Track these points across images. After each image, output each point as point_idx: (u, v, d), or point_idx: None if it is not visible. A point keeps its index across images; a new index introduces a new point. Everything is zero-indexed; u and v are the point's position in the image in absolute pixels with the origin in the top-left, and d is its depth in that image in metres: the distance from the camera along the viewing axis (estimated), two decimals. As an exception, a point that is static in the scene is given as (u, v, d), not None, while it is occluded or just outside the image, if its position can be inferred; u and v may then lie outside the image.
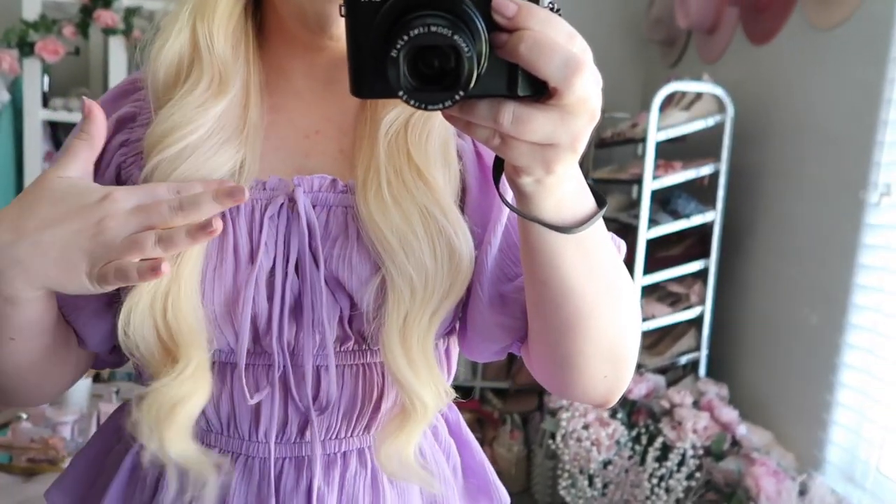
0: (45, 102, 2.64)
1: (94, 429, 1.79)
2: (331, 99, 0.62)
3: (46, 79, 2.69)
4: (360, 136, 0.59)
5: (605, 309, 0.52)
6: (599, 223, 0.49)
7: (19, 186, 2.66)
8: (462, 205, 0.59)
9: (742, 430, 1.84)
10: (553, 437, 1.87)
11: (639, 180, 2.26)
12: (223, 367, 0.58)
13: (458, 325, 0.62)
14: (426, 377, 0.55)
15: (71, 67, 2.81)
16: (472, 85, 0.37)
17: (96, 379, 2.11)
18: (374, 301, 0.56)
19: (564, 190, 0.45)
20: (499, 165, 0.47)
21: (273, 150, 0.60)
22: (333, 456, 0.60)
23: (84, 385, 1.93)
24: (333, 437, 0.59)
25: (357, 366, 0.59)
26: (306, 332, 0.56)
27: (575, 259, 0.49)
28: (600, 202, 0.49)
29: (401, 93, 0.37)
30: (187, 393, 0.53)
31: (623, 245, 0.61)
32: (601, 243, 0.51)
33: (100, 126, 0.54)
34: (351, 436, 0.60)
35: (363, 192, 0.56)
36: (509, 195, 0.48)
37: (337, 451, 0.60)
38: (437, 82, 0.37)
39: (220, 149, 0.56)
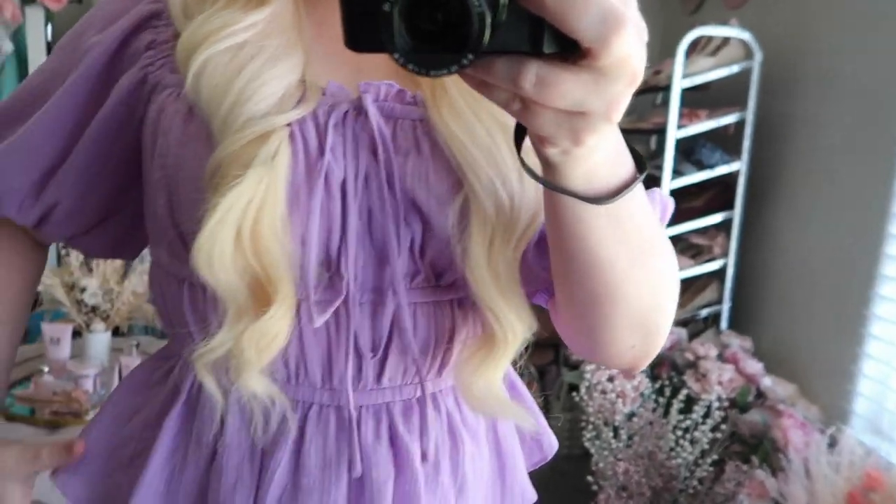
0: (49, 51, 2.57)
1: (115, 382, 1.78)
2: None
3: (50, 27, 2.62)
4: None
5: (636, 281, 0.47)
6: (637, 188, 0.43)
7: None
8: None
9: (767, 382, 1.83)
10: (575, 389, 1.86)
11: (660, 130, 2.21)
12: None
13: None
14: (516, 304, 0.51)
15: (74, 15, 2.73)
16: (483, 46, 0.31)
17: (115, 333, 2.10)
18: (458, 224, 0.51)
19: (596, 159, 0.39)
20: (521, 130, 0.41)
21: (323, 62, 0.55)
22: (409, 402, 0.56)
23: (104, 339, 1.92)
24: (409, 381, 0.56)
25: (428, 304, 0.55)
26: (375, 262, 0.52)
27: (605, 230, 0.44)
28: (640, 165, 0.43)
29: (396, 55, 0.31)
30: (278, 331, 0.49)
31: (670, 204, 0.56)
32: (637, 210, 0.45)
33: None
34: (425, 380, 0.57)
35: (435, 104, 0.51)
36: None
37: (412, 397, 0.56)
38: (440, 40, 0.31)
39: (281, 54, 0.51)
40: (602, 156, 0.39)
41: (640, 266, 0.47)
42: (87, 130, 0.58)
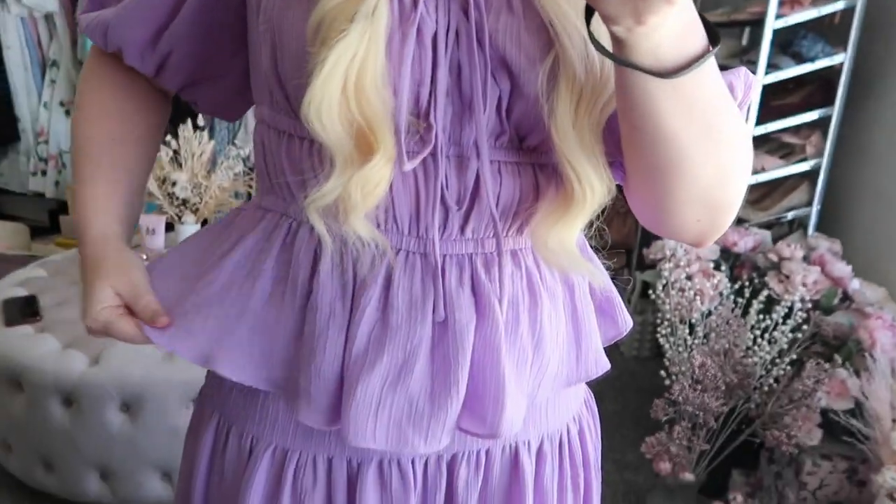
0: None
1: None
2: None
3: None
4: None
5: (702, 154, 0.49)
6: (709, 64, 0.45)
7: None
8: None
9: (855, 284, 1.77)
10: (650, 287, 1.86)
11: (758, 20, 2.06)
12: None
13: None
14: (597, 164, 0.53)
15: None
16: None
17: (204, 225, 2.22)
18: (546, 83, 0.52)
19: (661, 35, 0.42)
20: (590, 7, 0.43)
21: None
22: (491, 255, 0.59)
23: (194, 230, 2.02)
24: (490, 235, 0.59)
25: (512, 164, 0.57)
26: (463, 117, 0.54)
27: (670, 103, 0.46)
28: (713, 39, 0.44)
29: None
30: (381, 178, 0.52)
31: (754, 82, 0.56)
32: (706, 85, 0.47)
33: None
34: (506, 236, 0.60)
35: None
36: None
37: (493, 251, 0.59)
38: None
39: None
40: (667, 32, 0.41)
41: (705, 140, 0.49)
42: None
